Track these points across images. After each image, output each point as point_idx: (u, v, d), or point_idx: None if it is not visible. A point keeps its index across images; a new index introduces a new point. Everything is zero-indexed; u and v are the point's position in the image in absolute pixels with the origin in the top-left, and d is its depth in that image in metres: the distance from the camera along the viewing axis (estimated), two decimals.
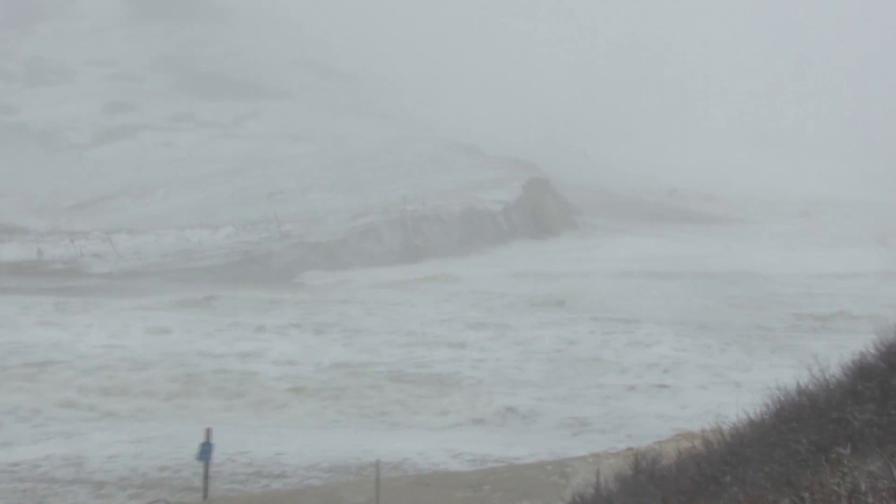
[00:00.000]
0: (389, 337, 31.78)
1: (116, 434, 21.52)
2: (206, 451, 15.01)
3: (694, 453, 8.63)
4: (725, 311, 38.58)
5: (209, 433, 15.19)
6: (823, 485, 5.21)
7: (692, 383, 25.86)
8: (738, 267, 54.31)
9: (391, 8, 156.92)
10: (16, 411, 23.28)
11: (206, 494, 15.68)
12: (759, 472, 6.60)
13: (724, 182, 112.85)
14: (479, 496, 15.24)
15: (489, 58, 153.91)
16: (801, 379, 8.06)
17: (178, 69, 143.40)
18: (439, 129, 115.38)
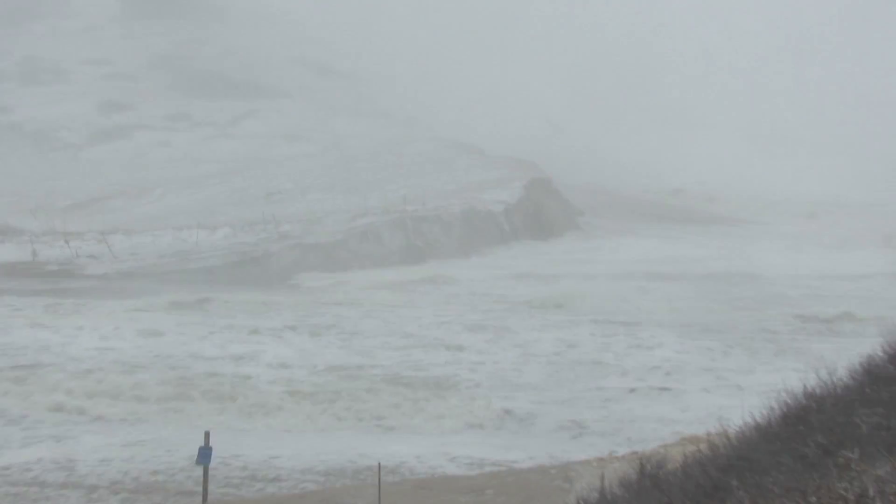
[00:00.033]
0: (386, 339, 31.47)
1: (108, 437, 21.38)
2: (205, 455, 14.73)
3: (700, 457, 8.52)
4: (729, 314, 38.24)
5: (208, 437, 14.91)
6: (831, 489, 5.27)
7: (694, 386, 25.56)
8: (743, 268, 53.97)
9: (391, 7, 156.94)
10: (5, 414, 23.10)
11: (205, 498, 15.48)
12: (766, 477, 6.51)
13: (729, 182, 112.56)
14: (481, 500, 15.19)
15: (490, 57, 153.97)
16: (807, 382, 7.99)
17: (174, 68, 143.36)
18: (439, 128, 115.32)
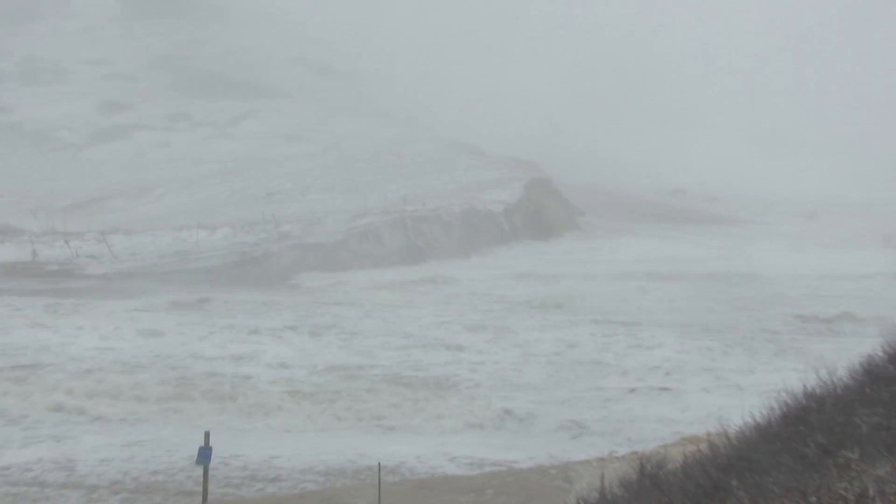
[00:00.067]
0: (386, 339, 31.41)
1: (107, 437, 21.39)
2: (205, 455, 14.70)
3: (700, 457, 8.51)
4: (729, 314, 38.18)
5: (208, 437, 14.89)
6: (831, 489, 5.28)
7: (694, 386, 25.52)
8: (743, 268, 53.90)
9: (391, 7, 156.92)
10: (5, 414, 23.07)
11: (205, 498, 15.46)
12: (766, 477, 6.51)
13: (729, 182, 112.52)
14: (481, 500, 15.18)
15: (490, 57, 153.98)
16: (807, 382, 7.99)
17: (174, 68, 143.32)
18: (440, 128, 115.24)
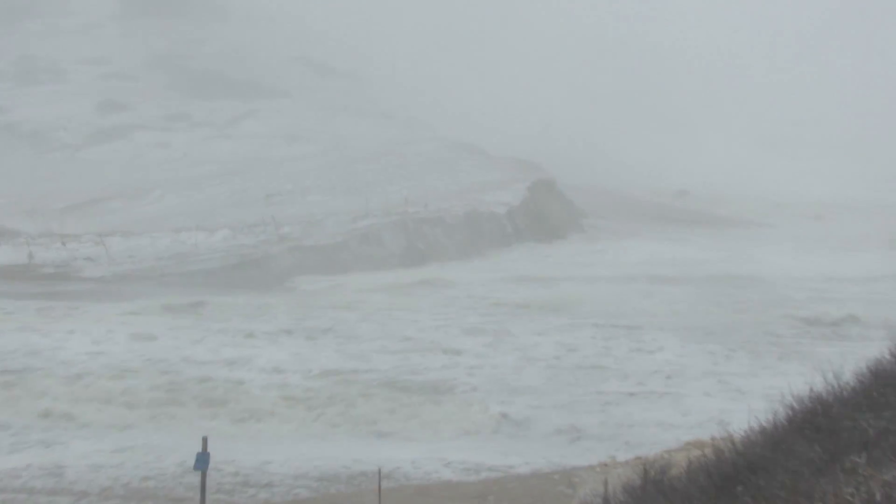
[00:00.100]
0: (383, 343, 31.06)
1: (97, 443, 21.20)
2: (202, 461, 14.36)
3: (704, 462, 8.37)
4: (732, 317, 37.83)
5: (206, 442, 14.56)
6: (838, 494, 5.22)
7: (695, 390, 25.29)
8: (748, 271, 53.49)
9: (391, 7, 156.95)
10: None
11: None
12: (772, 482, 6.38)
13: (734, 184, 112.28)
14: None
15: (492, 56, 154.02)
16: (813, 386, 7.87)
17: (172, 68, 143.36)
18: (441, 129, 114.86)
